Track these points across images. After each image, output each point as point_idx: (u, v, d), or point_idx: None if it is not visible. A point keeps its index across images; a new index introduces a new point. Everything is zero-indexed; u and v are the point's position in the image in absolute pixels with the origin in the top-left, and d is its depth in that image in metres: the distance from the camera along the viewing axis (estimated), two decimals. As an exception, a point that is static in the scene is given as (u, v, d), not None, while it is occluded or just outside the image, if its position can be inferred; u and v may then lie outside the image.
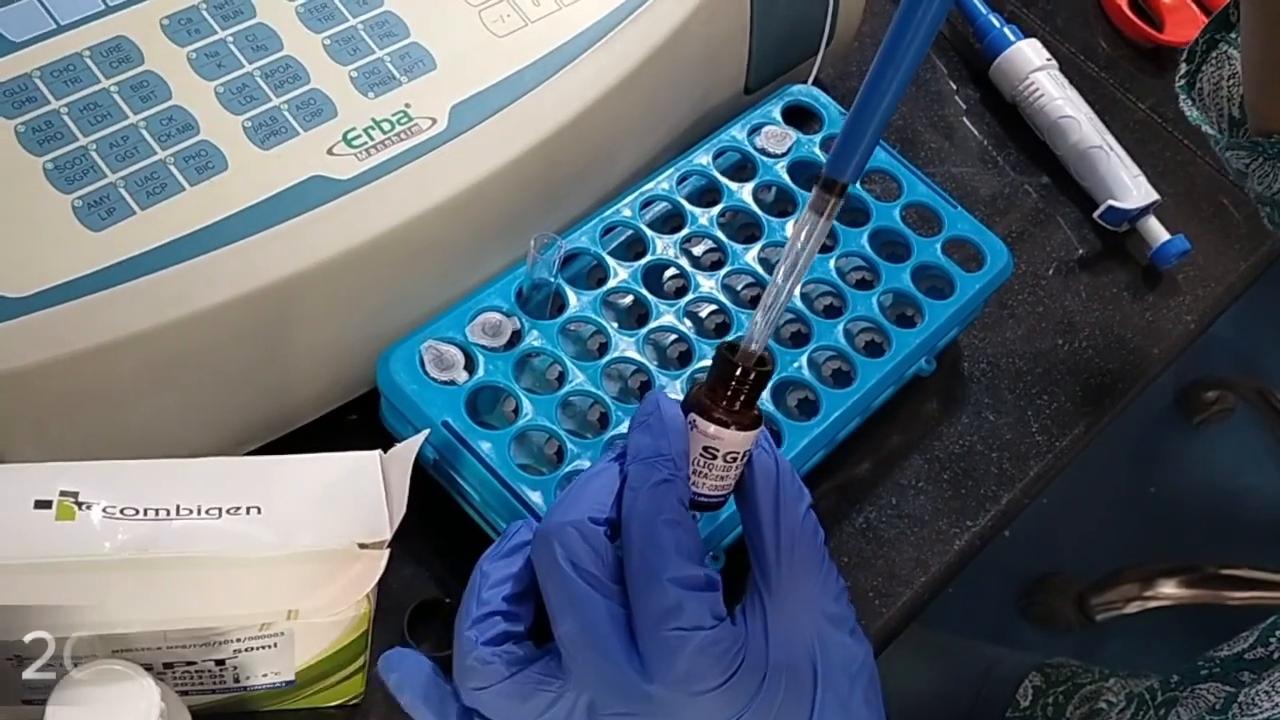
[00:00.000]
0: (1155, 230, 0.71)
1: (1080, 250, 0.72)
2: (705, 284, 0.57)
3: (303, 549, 0.41)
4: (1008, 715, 0.80)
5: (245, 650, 0.43)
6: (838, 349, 0.57)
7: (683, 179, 0.60)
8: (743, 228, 0.61)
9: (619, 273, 0.56)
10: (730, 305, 0.57)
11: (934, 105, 0.76)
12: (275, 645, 0.43)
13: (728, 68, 0.63)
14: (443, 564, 0.54)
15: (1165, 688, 0.59)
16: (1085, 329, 0.68)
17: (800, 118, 0.64)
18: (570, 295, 0.55)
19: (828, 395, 0.55)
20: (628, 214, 0.58)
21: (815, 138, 0.63)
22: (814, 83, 0.65)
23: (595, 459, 0.51)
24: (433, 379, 0.51)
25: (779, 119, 0.63)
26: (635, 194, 0.59)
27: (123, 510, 0.40)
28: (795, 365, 0.56)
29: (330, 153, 0.50)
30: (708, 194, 0.61)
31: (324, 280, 0.48)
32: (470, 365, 0.52)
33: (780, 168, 0.62)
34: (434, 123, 0.52)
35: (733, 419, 0.41)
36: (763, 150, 0.62)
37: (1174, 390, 1.58)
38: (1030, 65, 0.75)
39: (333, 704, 0.49)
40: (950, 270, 0.60)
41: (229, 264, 0.46)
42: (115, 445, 0.46)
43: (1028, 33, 0.76)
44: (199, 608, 0.41)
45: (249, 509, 0.41)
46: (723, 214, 0.60)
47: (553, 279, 0.54)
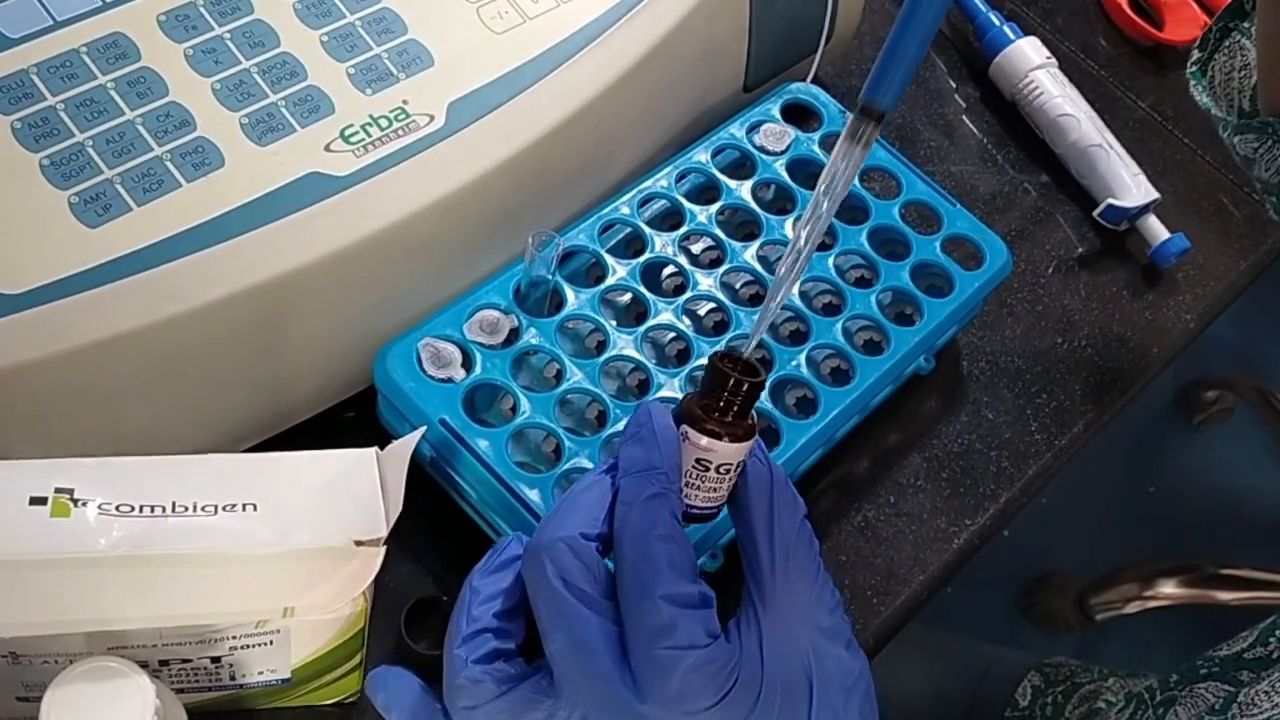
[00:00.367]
0: (1155, 229, 0.71)
1: (1080, 249, 0.72)
2: (704, 282, 0.57)
3: (299, 546, 0.41)
4: (1006, 715, 0.80)
5: (241, 648, 0.43)
6: (836, 347, 0.57)
7: (681, 177, 0.60)
8: (741, 225, 0.61)
9: (617, 270, 0.56)
10: (729, 303, 0.57)
11: (933, 103, 0.76)
12: (271, 643, 0.43)
13: (727, 65, 0.63)
14: (440, 562, 0.54)
15: (1164, 687, 0.59)
16: (1085, 327, 0.68)
17: (799, 116, 0.64)
18: (568, 293, 0.55)
19: (826, 393, 0.55)
20: (626, 211, 0.58)
21: (814, 136, 0.63)
22: (813, 81, 0.65)
23: (593, 457, 0.51)
24: (430, 376, 0.51)
25: (778, 117, 0.63)
26: (634, 191, 0.59)
27: (118, 507, 0.40)
28: (794, 363, 0.56)
29: (327, 149, 0.49)
30: (706, 192, 0.61)
31: (321, 277, 0.48)
32: (468, 363, 0.52)
33: (779, 166, 0.62)
34: (431, 120, 0.51)
35: (726, 430, 0.41)
36: (762, 148, 0.62)
37: (1174, 390, 1.58)
38: (1030, 63, 0.75)
39: (329, 702, 0.49)
40: (949, 268, 0.60)
41: (226, 261, 0.46)
42: (111, 442, 0.46)
43: (1027, 31, 0.76)
44: (195, 605, 0.41)
45: (245, 506, 0.41)
46: (721, 212, 0.60)
47: (551, 276, 0.54)
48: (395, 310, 0.53)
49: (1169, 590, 1.37)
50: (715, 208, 0.59)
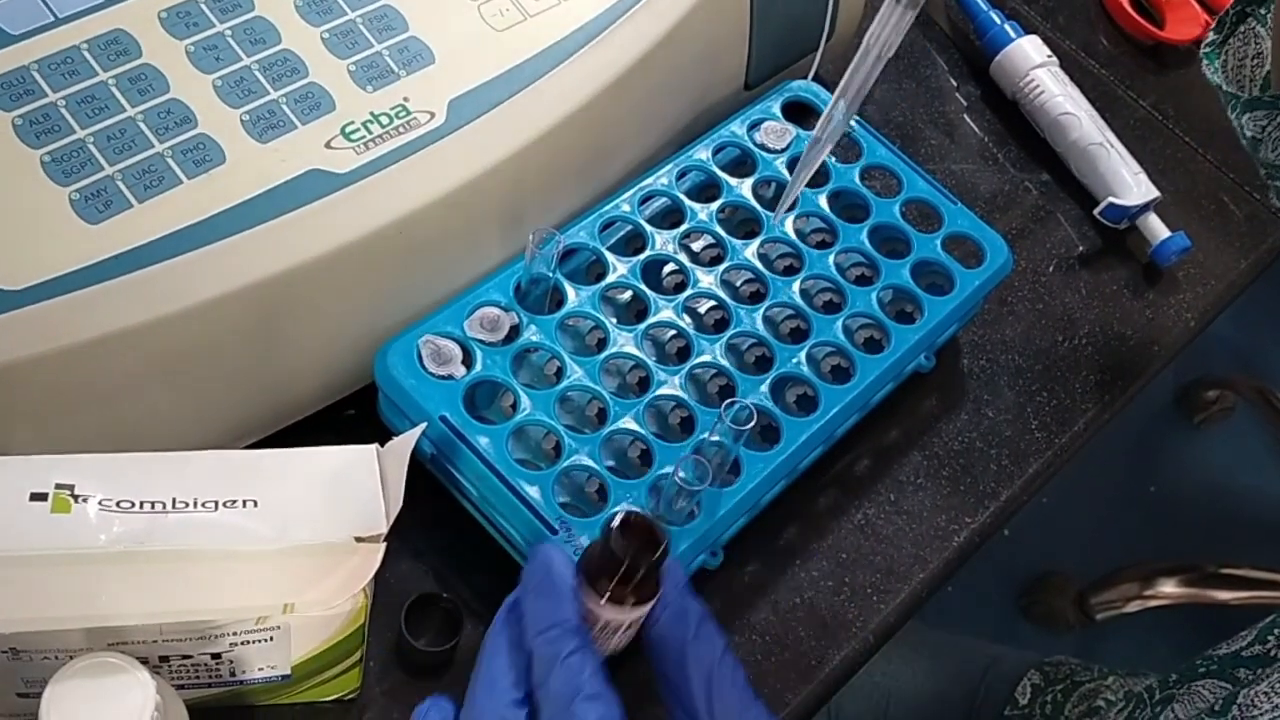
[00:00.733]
0: (1156, 227, 0.71)
1: (1080, 247, 0.72)
2: (704, 279, 0.57)
3: (299, 543, 0.41)
4: (1006, 713, 0.80)
5: (241, 644, 0.43)
6: (837, 345, 0.57)
7: (682, 174, 0.60)
8: (742, 223, 0.61)
9: (618, 268, 0.56)
10: (729, 301, 0.57)
11: (934, 102, 0.76)
12: (271, 639, 0.43)
13: (728, 63, 0.63)
14: (440, 558, 0.54)
15: (1163, 686, 0.59)
16: (1085, 326, 0.68)
17: (800, 114, 0.64)
18: (569, 290, 0.55)
19: (827, 391, 0.55)
20: (627, 209, 0.58)
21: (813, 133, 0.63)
22: (814, 78, 0.65)
23: (593, 454, 0.51)
24: (430, 374, 0.51)
25: (779, 115, 0.63)
26: (634, 189, 0.59)
27: (119, 503, 0.40)
28: (794, 361, 0.56)
29: (328, 146, 0.49)
30: (707, 189, 0.61)
31: (322, 274, 0.48)
32: (468, 360, 0.52)
33: (780, 163, 0.61)
34: (432, 117, 0.51)
35: (624, 595, 0.40)
36: (762, 146, 0.62)
37: (1174, 389, 1.58)
38: (1031, 62, 0.74)
39: (329, 698, 0.49)
40: (950, 267, 0.60)
41: (227, 258, 0.46)
42: (112, 438, 0.46)
43: (1028, 29, 0.76)
44: (195, 601, 0.41)
45: (245, 503, 0.41)
46: (722, 210, 0.60)
47: (551, 274, 0.54)
48: (396, 307, 0.53)
49: (1169, 589, 1.37)
50: (716, 205, 0.59)
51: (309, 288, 0.48)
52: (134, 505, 0.40)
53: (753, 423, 0.48)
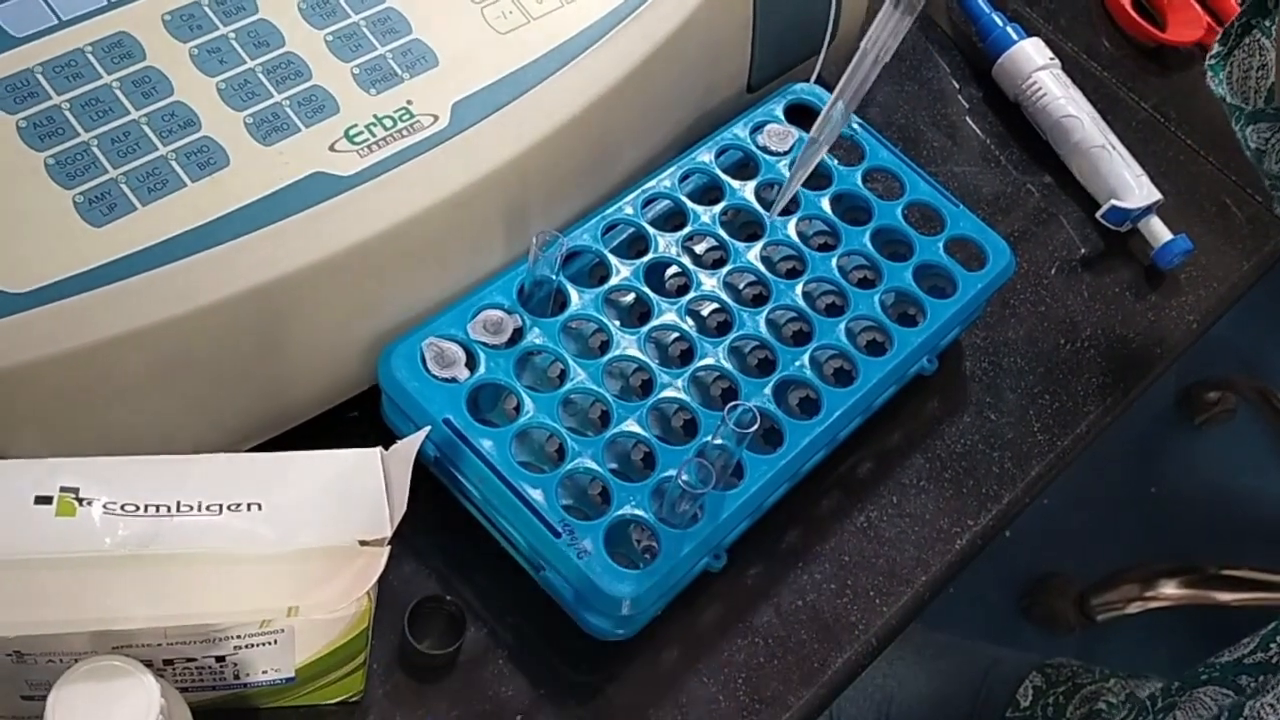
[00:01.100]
0: (1158, 230, 0.71)
1: (1082, 250, 0.72)
2: (707, 282, 0.57)
3: (303, 546, 0.41)
4: (1008, 715, 0.80)
5: (245, 647, 0.43)
6: (839, 348, 0.57)
7: (685, 177, 0.60)
8: (744, 226, 0.61)
9: (621, 270, 0.56)
10: (732, 303, 0.57)
11: (936, 104, 0.76)
12: (275, 642, 0.43)
13: (730, 66, 0.63)
14: (443, 561, 0.54)
15: (1165, 694, 0.59)
16: (1087, 329, 0.68)
17: (803, 116, 0.64)
18: (572, 293, 0.55)
19: (829, 394, 0.55)
20: (630, 212, 0.58)
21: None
22: (816, 81, 0.65)
23: (596, 457, 0.51)
24: (434, 376, 0.51)
25: (781, 117, 0.63)
26: (637, 192, 0.59)
27: (123, 506, 0.40)
28: (797, 364, 0.56)
29: (332, 149, 0.49)
30: (710, 192, 0.61)
31: (325, 277, 0.48)
32: (471, 363, 0.52)
33: (783, 166, 0.62)
34: (436, 119, 0.51)
35: None
36: (765, 148, 0.62)
37: (1176, 390, 1.58)
38: (1033, 64, 0.75)
39: (333, 701, 0.49)
40: (952, 269, 0.60)
41: (230, 260, 0.46)
42: (116, 441, 0.46)
43: (1030, 32, 0.76)
44: (199, 604, 0.41)
45: (250, 506, 0.41)
46: (725, 212, 0.60)
47: (554, 276, 0.54)
48: (399, 310, 0.53)
49: (1170, 591, 1.37)
50: (719, 208, 0.59)
51: (313, 290, 0.48)
52: (138, 508, 0.40)
53: (756, 426, 0.48)
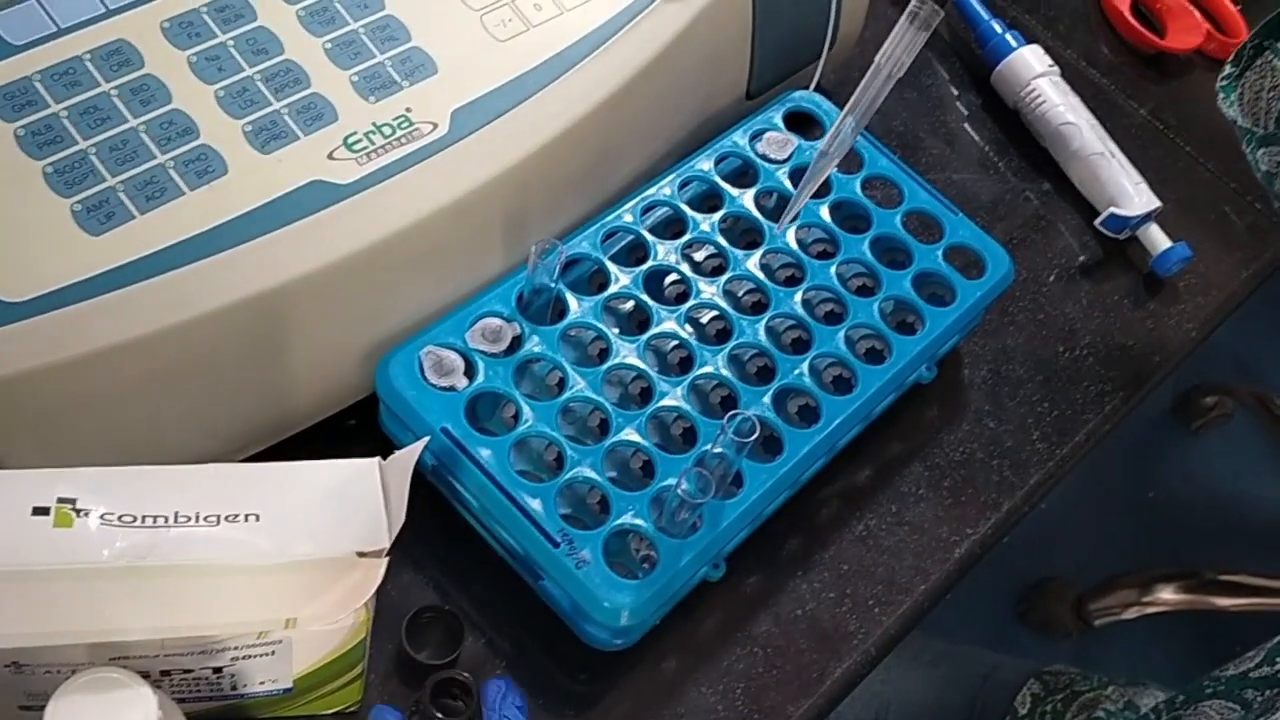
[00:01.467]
0: (1157, 237, 0.71)
1: (1081, 257, 0.72)
2: (706, 290, 0.57)
3: (301, 557, 0.41)
4: (1006, 722, 0.80)
5: (243, 658, 0.43)
6: (839, 356, 0.57)
7: (684, 184, 0.60)
8: (744, 234, 0.61)
9: (620, 278, 0.56)
10: (731, 311, 0.57)
11: (935, 111, 0.76)
12: (273, 653, 0.43)
13: (729, 73, 0.63)
14: (441, 571, 0.53)
15: (1170, 707, 0.59)
16: (1086, 336, 0.68)
17: (802, 124, 0.64)
18: (571, 301, 0.55)
19: (829, 402, 0.55)
20: (629, 219, 0.58)
21: (817, 144, 0.63)
22: (816, 88, 0.65)
23: (595, 465, 0.51)
24: (432, 385, 0.51)
25: (781, 125, 0.63)
26: (636, 199, 0.58)
27: (121, 517, 0.40)
28: (796, 372, 0.55)
29: (331, 157, 0.49)
30: (709, 200, 0.61)
31: (324, 285, 0.48)
32: (470, 371, 0.52)
33: (782, 174, 0.61)
34: (435, 127, 0.51)
35: None
36: (764, 156, 0.62)
37: (1173, 396, 1.58)
38: (1032, 71, 0.74)
39: (330, 711, 0.49)
40: (951, 277, 0.60)
41: (229, 269, 0.46)
42: (114, 450, 0.46)
43: (1029, 39, 0.76)
44: (197, 616, 0.40)
45: (247, 516, 0.41)
46: (724, 220, 0.60)
47: (553, 284, 0.53)
48: (397, 318, 0.53)
49: (1168, 596, 1.37)
50: (718, 216, 0.59)
51: (311, 299, 0.48)
52: (136, 519, 0.40)
53: (755, 435, 0.48)
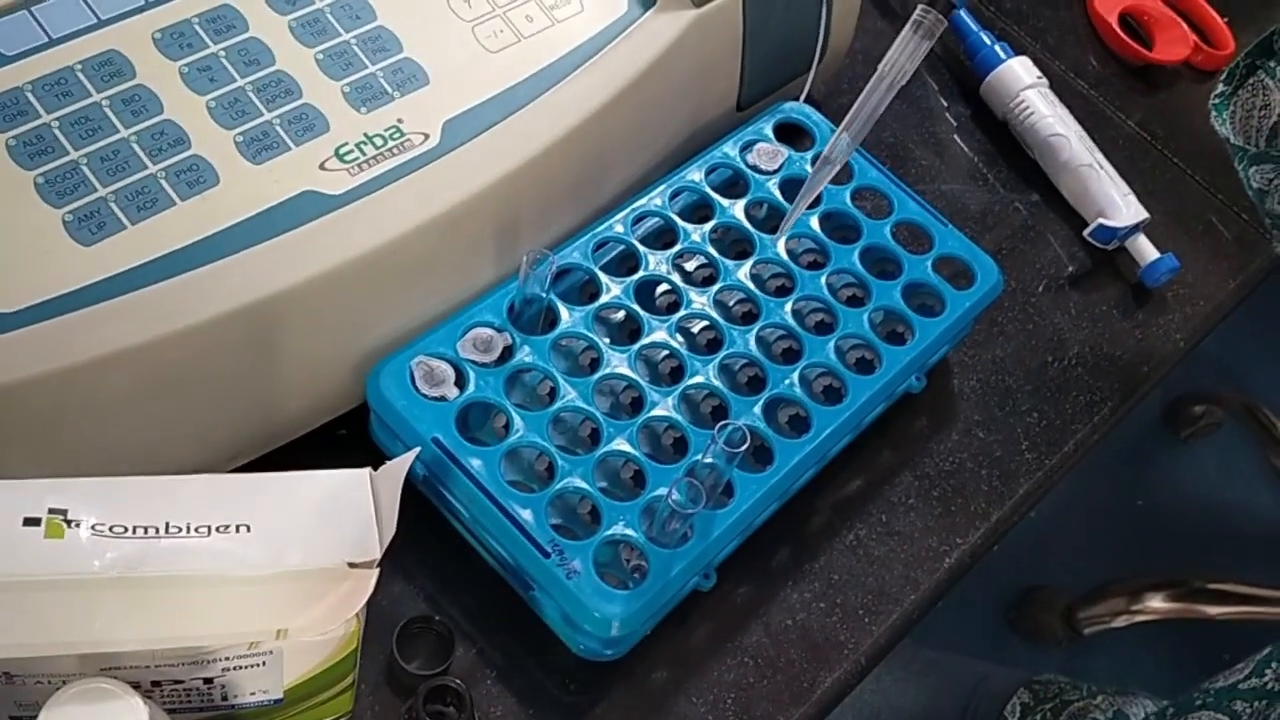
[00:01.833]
0: (1145, 248, 0.71)
1: (1070, 268, 0.72)
2: (697, 300, 0.57)
3: (292, 568, 0.41)
4: (996, 731, 0.80)
5: (233, 669, 0.43)
6: (829, 366, 0.57)
7: (675, 195, 0.60)
8: (734, 244, 0.61)
9: (611, 288, 0.56)
10: (722, 321, 0.57)
11: (925, 122, 0.76)
12: (264, 664, 0.43)
13: (720, 85, 0.63)
14: (432, 580, 0.54)
15: (1160, 718, 0.59)
16: (1075, 346, 0.69)
17: (792, 135, 0.64)
18: (562, 311, 0.55)
19: (819, 412, 0.55)
20: (620, 230, 0.58)
21: (807, 155, 0.63)
22: (806, 100, 0.65)
23: (586, 476, 0.51)
24: (423, 395, 0.51)
25: (771, 136, 0.63)
26: (628, 210, 0.59)
27: (111, 528, 0.40)
28: (786, 382, 0.56)
29: (322, 168, 0.49)
30: (700, 210, 0.61)
31: (315, 295, 0.48)
32: (461, 381, 0.52)
33: (772, 185, 0.62)
34: (426, 138, 0.51)
35: None
36: (755, 167, 0.62)
37: (1161, 404, 1.58)
38: (1021, 83, 0.75)
39: (321, 721, 0.49)
40: (941, 288, 0.60)
41: (220, 279, 0.46)
42: (105, 460, 0.46)
43: (1018, 50, 0.77)
44: (188, 627, 0.40)
45: (238, 527, 0.41)
46: (715, 230, 0.60)
47: (545, 294, 0.54)
48: (388, 328, 0.53)
49: (1157, 605, 1.37)
50: (709, 226, 0.60)
51: (303, 309, 0.48)
52: (127, 530, 0.40)
53: (746, 445, 0.48)
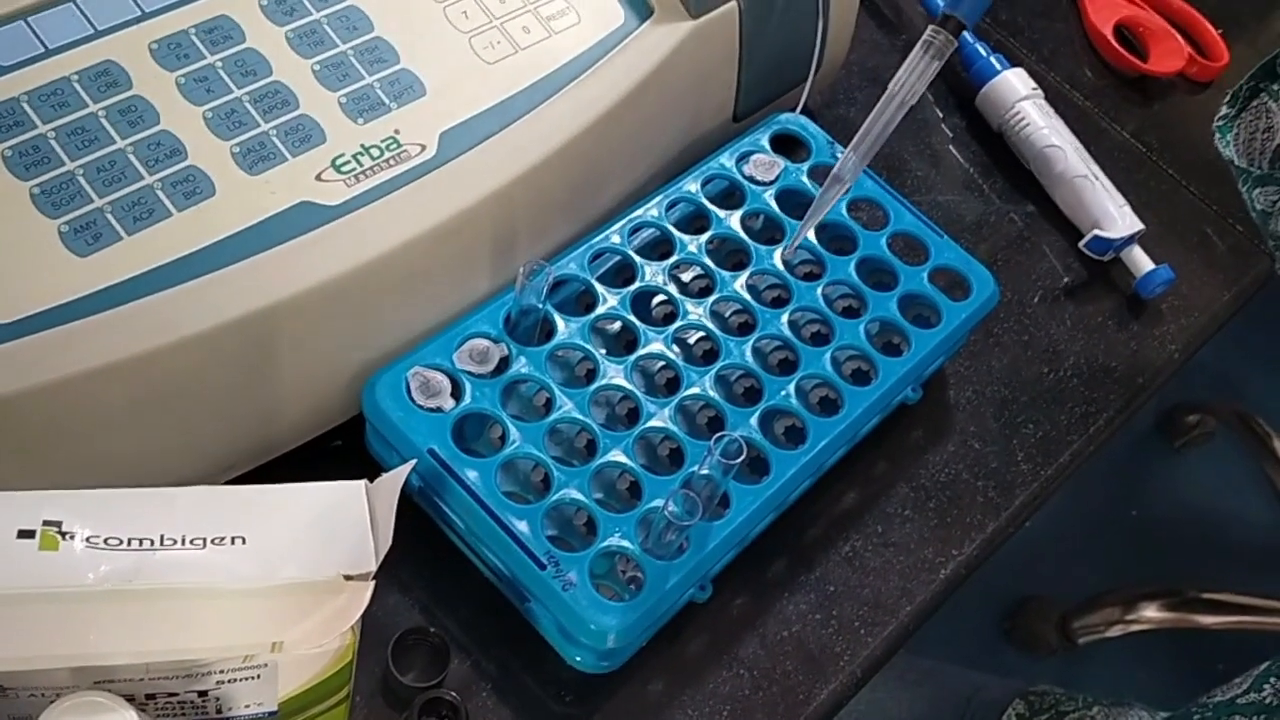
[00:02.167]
0: (1140, 260, 0.71)
1: (1065, 279, 0.72)
2: (693, 311, 0.57)
3: (287, 580, 0.41)
4: (991, 742, 0.80)
5: (228, 682, 0.42)
6: (825, 377, 0.57)
7: (671, 206, 0.60)
8: (731, 255, 0.61)
9: (607, 299, 0.56)
10: (718, 332, 0.57)
11: (920, 133, 0.76)
12: (259, 677, 0.43)
13: (716, 96, 0.63)
14: (428, 592, 0.53)
15: None
16: (1070, 357, 0.69)
17: (788, 146, 0.64)
18: (558, 321, 0.55)
19: (815, 423, 0.55)
20: (616, 240, 0.58)
21: (803, 166, 0.63)
22: (802, 111, 0.66)
23: (582, 487, 0.51)
24: (419, 406, 0.51)
25: (767, 147, 0.63)
26: (624, 221, 0.59)
27: (106, 540, 0.40)
28: (783, 393, 0.56)
29: (319, 179, 0.49)
30: (696, 221, 0.61)
31: (311, 307, 0.48)
32: (457, 392, 0.52)
33: (768, 196, 0.62)
34: (423, 149, 0.51)
35: None
36: (751, 178, 0.62)
37: (1155, 414, 1.59)
38: (1016, 94, 0.75)
39: (316, 734, 0.49)
40: (937, 299, 0.60)
41: (216, 290, 0.46)
42: (100, 471, 0.46)
43: (1014, 62, 0.77)
44: (182, 639, 0.40)
45: (233, 539, 0.41)
46: (711, 241, 0.60)
47: (541, 305, 0.54)
48: (384, 339, 0.52)
49: (1151, 614, 1.38)
50: (705, 237, 0.60)
51: (299, 320, 0.48)
52: (122, 542, 0.40)
53: (742, 457, 0.48)
